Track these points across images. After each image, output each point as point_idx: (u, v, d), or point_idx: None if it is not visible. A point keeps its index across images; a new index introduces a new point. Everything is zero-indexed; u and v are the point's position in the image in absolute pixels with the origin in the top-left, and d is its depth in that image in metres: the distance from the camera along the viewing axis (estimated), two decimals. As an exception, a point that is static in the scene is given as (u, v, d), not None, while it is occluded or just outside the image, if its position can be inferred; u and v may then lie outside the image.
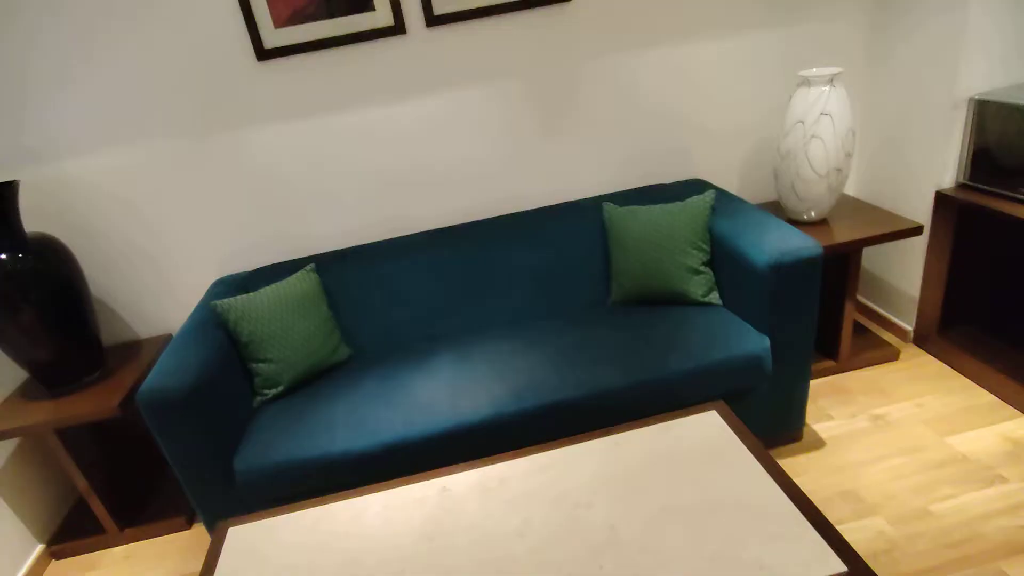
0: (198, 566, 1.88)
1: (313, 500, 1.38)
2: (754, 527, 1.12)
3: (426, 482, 1.36)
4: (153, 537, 2.03)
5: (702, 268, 1.87)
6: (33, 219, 2.03)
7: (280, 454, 1.57)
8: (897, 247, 2.29)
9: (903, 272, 2.28)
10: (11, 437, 1.80)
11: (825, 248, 1.94)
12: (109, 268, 2.12)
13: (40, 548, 2.02)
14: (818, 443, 1.91)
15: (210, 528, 1.69)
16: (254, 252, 2.17)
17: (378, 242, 2.10)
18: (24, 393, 1.97)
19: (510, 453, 1.40)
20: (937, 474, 1.74)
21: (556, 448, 1.39)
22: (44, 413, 1.83)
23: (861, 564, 1.02)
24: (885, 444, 1.87)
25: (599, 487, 1.27)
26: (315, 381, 1.87)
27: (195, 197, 2.07)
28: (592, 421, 1.62)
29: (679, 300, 1.90)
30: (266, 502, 1.61)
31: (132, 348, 2.15)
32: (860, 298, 2.54)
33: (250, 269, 2.15)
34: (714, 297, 1.87)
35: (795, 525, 1.11)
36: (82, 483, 1.92)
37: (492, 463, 1.38)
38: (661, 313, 1.86)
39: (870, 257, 2.44)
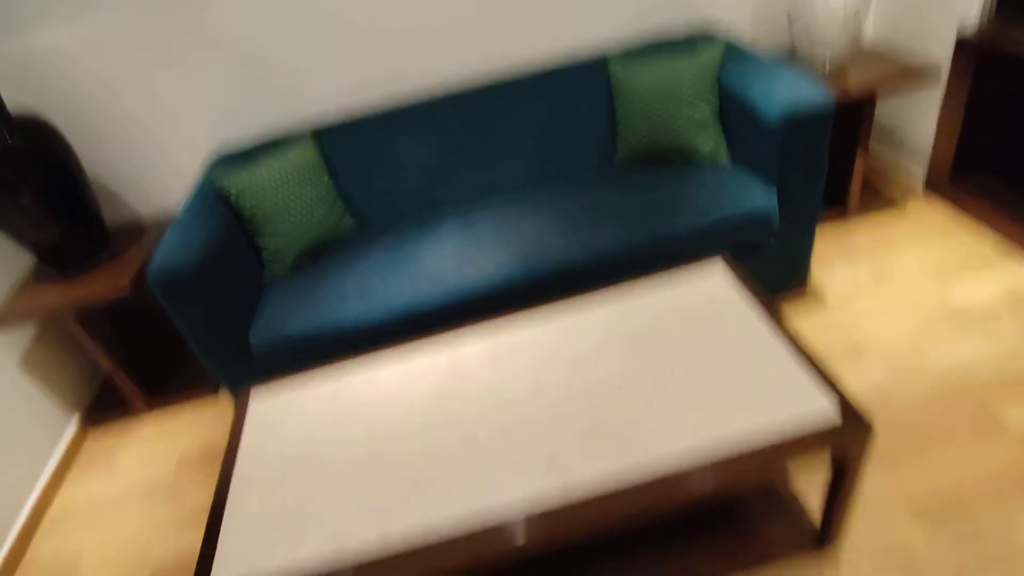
0: (226, 432, 2.01)
1: (330, 365, 1.43)
2: (755, 378, 1.16)
3: (437, 346, 1.40)
4: (181, 409, 2.15)
5: (710, 123, 1.79)
6: (14, 98, 1.93)
7: (293, 326, 1.61)
8: (912, 96, 2.18)
9: (917, 122, 2.19)
10: (32, 319, 1.83)
11: (838, 98, 1.84)
12: (103, 147, 2.04)
13: (76, 422, 2.14)
14: (820, 296, 1.95)
15: (234, 397, 1.78)
16: (250, 122, 2.07)
17: (376, 109, 2.00)
18: (35, 278, 1.98)
19: (519, 316, 1.43)
20: (936, 323, 1.78)
21: (564, 310, 1.42)
22: (59, 295, 1.86)
23: (858, 411, 1.07)
24: (887, 294, 1.90)
25: (605, 345, 1.31)
26: (322, 254, 1.87)
27: (182, 66, 1.94)
28: (599, 282, 1.64)
29: (686, 157, 1.84)
30: (281, 371, 1.68)
31: (136, 228, 2.13)
32: (870, 149, 2.47)
33: (247, 140, 2.06)
34: (722, 153, 1.81)
35: (795, 374, 1.15)
36: (106, 362, 1.99)
37: (501, 327, 1.42)
38: (668, 172, 1.81)
39: (883, 107, 2.34)
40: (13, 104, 1.93)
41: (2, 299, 1.95)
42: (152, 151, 2.09)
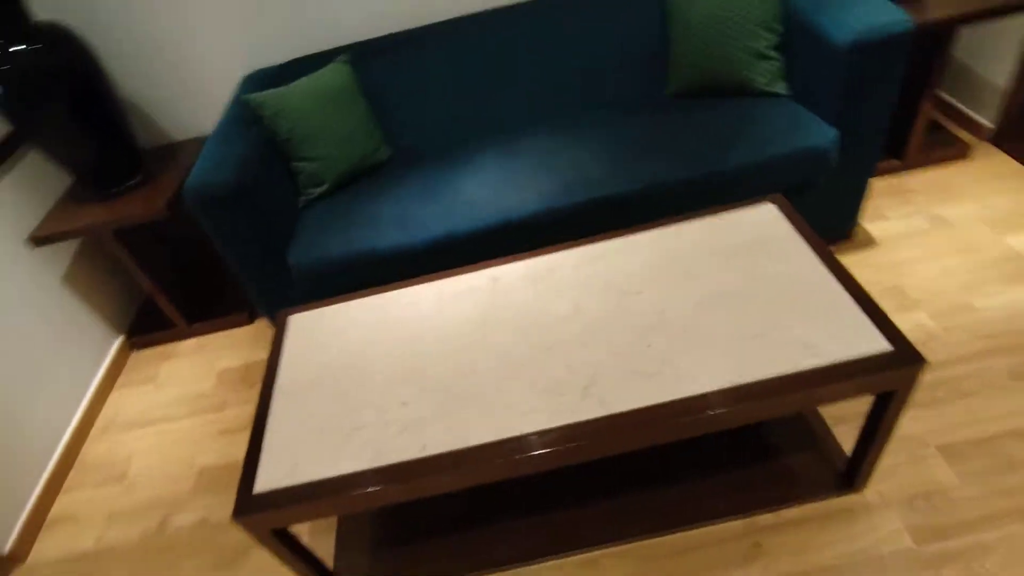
0: (264, 355, 2.07)
1: (368, 290, 1.44)
2: (802, 309, 1.14)
3: (476, 272, 1.40)
4: (220, 330, 2.21)
5: (771, 53, 1.69)
6: (45, 15, 1.91)
7: (331, 249, 1.62)
8: (993, 30, 2.03)
9: (993, 60, 2.04)
10: (74, 237, 1.88)
11: (917, 25, 1.72)
12: (136, 68, 2.02)
13: (120, 340, 2.22)
14: (870, 241, 1.88)
15: (272, 317, 1.81)
16: (283, 43, 2.02)
17: (413, 29, 1.94)
18: (73, 198, 2.02)
19: (559, 245, 1.41)
20: (988, 271, 1.72)
21: (606, 240, 1.40)
22: (97, 215, 1.89)
23: (907, 344, 1.04)
24: (939, 243, 1.84)
25: (649, 275, 1.29)
26: (358, 180, 1.86)
27: (207, -19, 1.90)
28: (643, 216, 1.60)
29: (743, 89, 1.75)
30: (319, 294, 1.70)
31: (168, 150, 2.14)
32: (939, 90, 2.33)
33: (280, 62, 2.03)
34: (781, 86, 1.72)
35: (843, 308, 1.13)
36: (147, 282, 2.05)
37: (541, 255, 1.40)
38: (721, 103, 1.73)
39: (959, 42, 2.19)
40: (40, 18, 1.92)
41: (43, 217, 2.00)
42: (185, 73, 2.06)
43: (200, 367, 2.10)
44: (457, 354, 1.23)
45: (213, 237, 1.59)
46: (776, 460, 1.39)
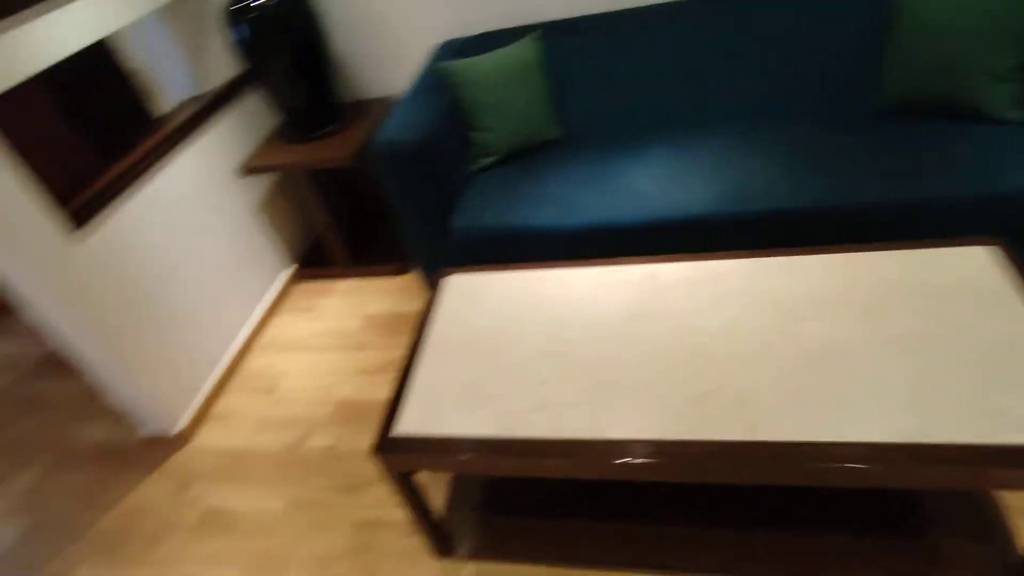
0: (408, 307, 2.19)
1: (524, 264, 1.47)
2: (1008, 375, 0.99)
3: (633, 266, 1.37)
4: (374, 276, 2.38)
5: (1014, 74, 1.47)
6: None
7: (493, 219, 1.67)
8: None
9: None
10: (274, 171, 2.11)
11: None
12: (343, 24, 2.21)
13: (291, 270, 2.47)
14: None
15: (427, 274, 1.91)
16: (481, 16, 2.09)
17: (609, 12, 1.93)
18: (279, 136, 2.26)
19: (726, 253, 1.34)
20: None
21: (781, 256, 1.31)
22: (296, 155, 2.10)
23: None
24: None
25: (824, 302, 1.19)
26: (527, 155, 1.89)
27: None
28: (824, 238, 1.48)
29: (970, 112, 1.54)
30: (475, 260, 1.77)
31: (360, 106, 2.32)
32: None
33: (476, 34, 2.11)
34: (1017, 114, 1.49)
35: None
36: (325, 219, 2.24)
37: (705, 259, 1.35)
38: (939, 126, 1.54)
39: None
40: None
41: (252, 150, 2.25)
42: (386, 37, 2.21)
43: (351, 307, 2.27)
44: (604, 344, 1.22)
45: (390, 190, 1.70)
46: (927, 535, 1.24)
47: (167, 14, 1.99)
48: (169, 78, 2.15)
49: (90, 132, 2.01)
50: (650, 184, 1.60)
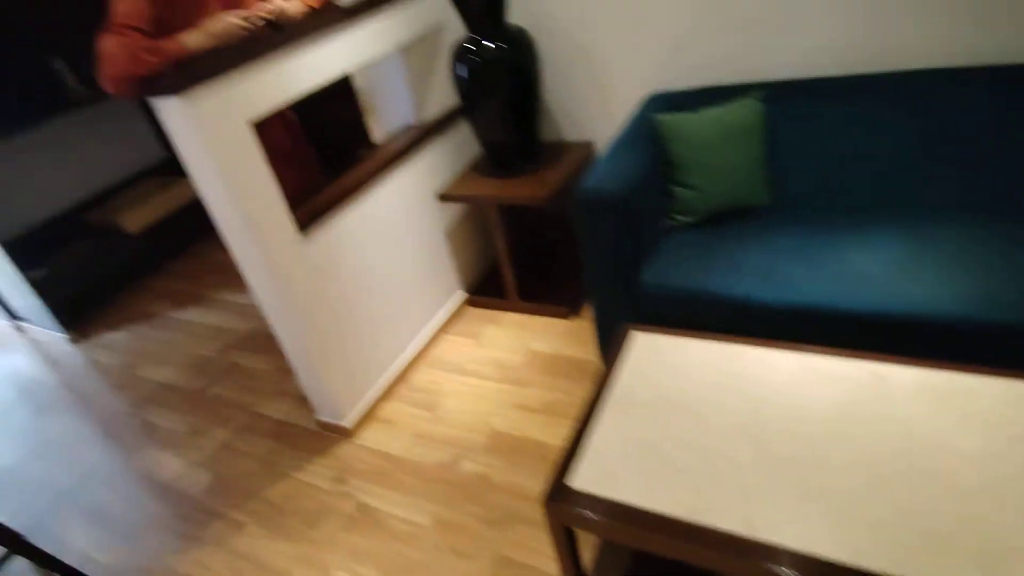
0: (573, 351, 2.19)
1: (720, 334, 1.40)
2: None
3: (854, 361, 1.24)
4: (542, 315, 2.41)
5: None
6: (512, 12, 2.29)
7: (686, 279, 1.61)
8: None
9: None
10: (469, 202, 2.24)
11: None
12: (556, 68, 2.31)
13: (462, 294, 2.59)
14: None
15: (603, 324, 1.88)
16: (697, 69, 2.09)
17: (841, 76, 1.81)
18: (476, 168, 2.40)
19: (979, 367, 1.16)
20: None
21: (1046, 382, 1.11)
22: (492, 188, 2.21)
23: None
24: None
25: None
26: (730, 218, 1.80)
27: (646, 7, 2.04)
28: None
29: None
30: (660, 319, 1.72)
31: (559, 147, 2.39)
32: None
33: (687, 88, 2.10)
34: None
35: None
36: (504, 251, 2.33)
37: (950, 370, 1.17)
38: None
39: None
40: (512, 22, 2.29)
41: (452, 178, 2.41)
42: (595, 83, 2.27)
43: (516, 341, 2.32)
44: (810, 441, 1.11)
45: (584, 236, 1.72)
46: None
47: (404, 49, 2.20)
48: (392, 105, 2.38)
49: (322, 145, 2.28)
50: (878, 270, 1.45)
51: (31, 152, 3.47)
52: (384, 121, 2.94)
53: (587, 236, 1.71)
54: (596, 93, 2.29)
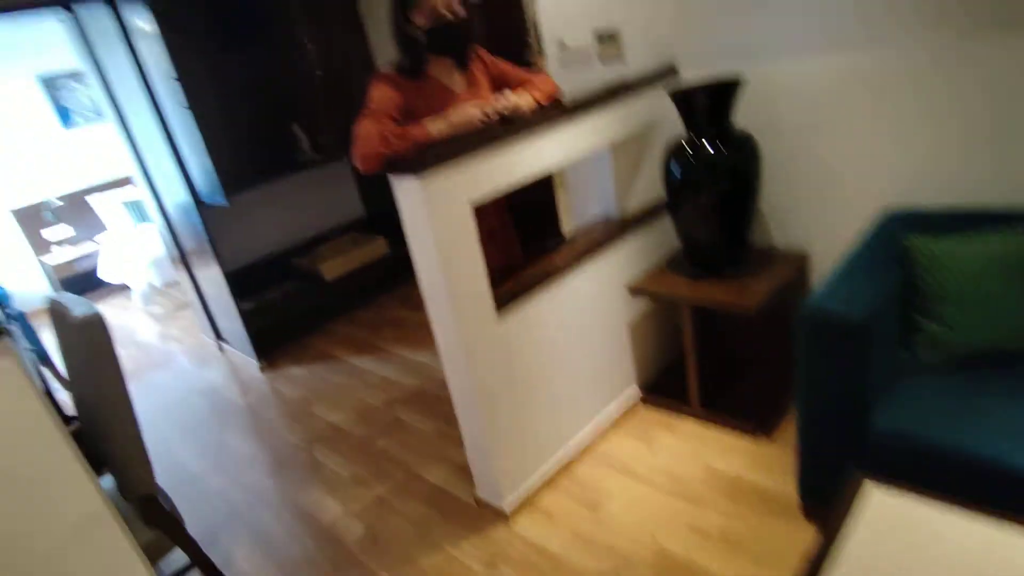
0: (760, 478, 1.98)
1: (997, 511, 1.17)
2: None
3: None
4: (723, 428, 2.24)
5: None
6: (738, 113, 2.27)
7: (941, 434, 1.39)
8: None
9: None
10: (662, 300, 2.20)
11: None
12: (777, 172, 2.23)
13: (636, 390, 2.50)
14: None
15: (810, 463, 1.67)
16: (943, 187, 1.89)
17: None
18: (672, 265, 2.36)
19: None
20: None
21: None
22: (688, 288, 2.15)
23: None
24: None
25: None
26: (997, 365, 1.55)
27: (892, 121, 1.92)
28: None
29: None
30: (893, 473, 1.50)
31: (766, 255, 2.28)
32: None
33: (935, 206, 1.90)
34: None
35: None
36: (690, 354, 2.22)
37: None
38: None
39: None
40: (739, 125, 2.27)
41: (645, 272, 2.39)
42: (818, 191, 2.15)
43: (693, 453, 2.16)
44: None
45: (802, 361, 1.58)
46: None
47: (615, 143, 2.26)
48: (593, 195, 2.45)
49: (520, 227, 2.37)
50: None
51: (264, 200, 4.03)
52: (581, 209, 3.04)
53: (808, 362, 1.56)
54: (819, 202, 2.17)
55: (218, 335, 4.00)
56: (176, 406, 3.44)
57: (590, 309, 2.22)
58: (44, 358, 3.69)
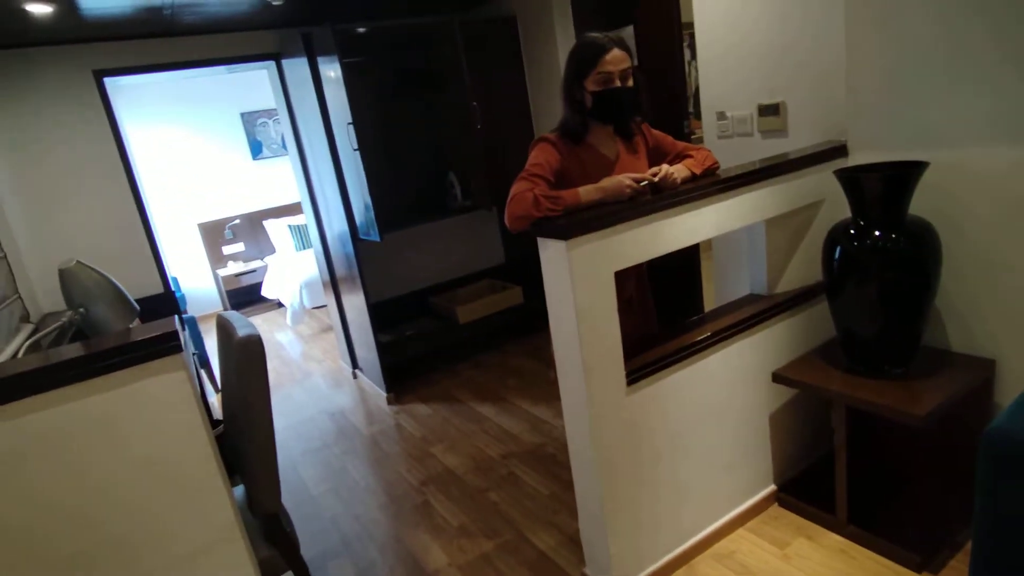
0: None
1: None
2: None
3: None
4: (875, 552, 1.99)
5: None
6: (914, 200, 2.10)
7: None
8: None
9: None
10: (813, 393, 2.04)
11: None
12: (958, 267, 2.01)
13: (772, 488, 2.32)
14: None
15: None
16: None
17: None
18: (824, 355, 2.19)
19: None
20: None
21: None
22: (843, 384, 1.97)
23: None
24: None
25: None
26: None
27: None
28: None
29: None
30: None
31: (940, 358, 2.05)
32: None
33: None
34: None
35: None
36: (842, 459, 2.02)
37: None
38: None
39: None
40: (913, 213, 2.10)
41: (793, 359, 2.24)
42: (1013, 293, 1.91)
43: (836, 572, 1.95)
44: None
45: (985, 491, 1.38)
46: None
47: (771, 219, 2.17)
48: (741, 270, 2.35)
49: (659, 293, 2.34)
50: None
51: (412, 240, 4.35)
52: (727, 280, 2.94)
53: (993, 496, 1.37)
54: (1013, 306, 1.92)
55: (354, 362, 4.31)
56: (305, 424, 3.74)
57: (728, 393, 2.12)
58: (204, 361, 4.19)
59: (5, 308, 2.17)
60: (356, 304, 3.84)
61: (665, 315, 2.39)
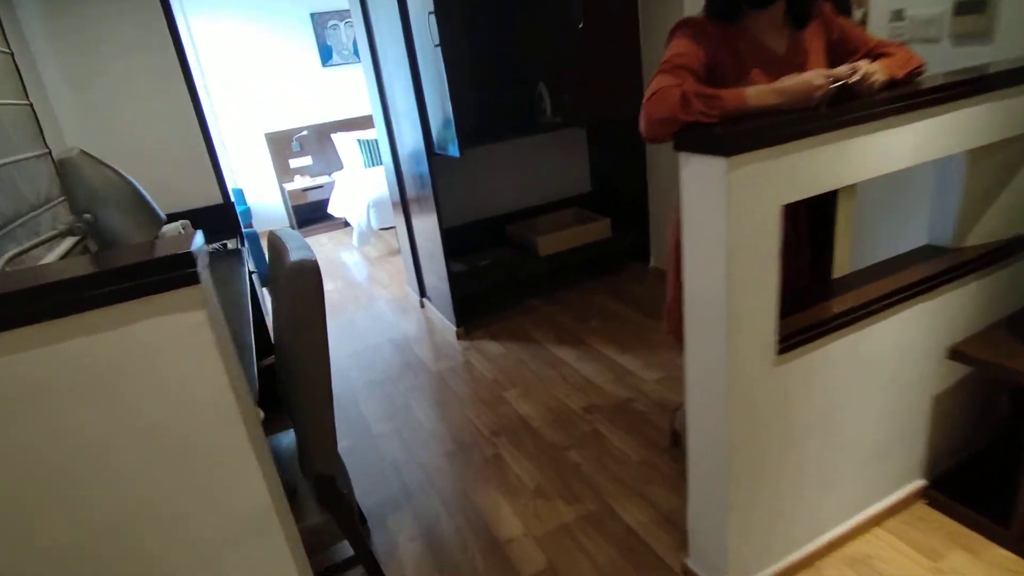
0: None
1: None
2: None
3: None
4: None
5: None
6: None
7: None
8: None
9: None
10: (1002, 374, 1.62)
11: None
12: None
13: (919, 484, 1.93)
14: None
15: None
16: None
17: None
18: (1016, 327, 1.74)
19: None
20: None
21: None
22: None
23: None
24: None
25: None
26: None
27: None
28: None
29: None
30: None
31: None
32: None
33: None
34: None
35: None
36: (1035, 467, 1.62)
37: None
38: None
39: None
40: None
41: (977, 332, 1.80)
42: None
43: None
44: None
45: None
46: None
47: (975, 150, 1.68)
48: (918, 215, 1.88)
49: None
50: None
51: (492, 159, 3.97)
52: (879, 230, 2.46)
53: None
54: None
55: (422, 291, 4.07)
56: (369, 352, 3.55)
57: (886, 369, 1.72)
58: (267, 281, 4.04)
59: (48, 211, 1.97)
60: (427, 228, 3.55)
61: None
